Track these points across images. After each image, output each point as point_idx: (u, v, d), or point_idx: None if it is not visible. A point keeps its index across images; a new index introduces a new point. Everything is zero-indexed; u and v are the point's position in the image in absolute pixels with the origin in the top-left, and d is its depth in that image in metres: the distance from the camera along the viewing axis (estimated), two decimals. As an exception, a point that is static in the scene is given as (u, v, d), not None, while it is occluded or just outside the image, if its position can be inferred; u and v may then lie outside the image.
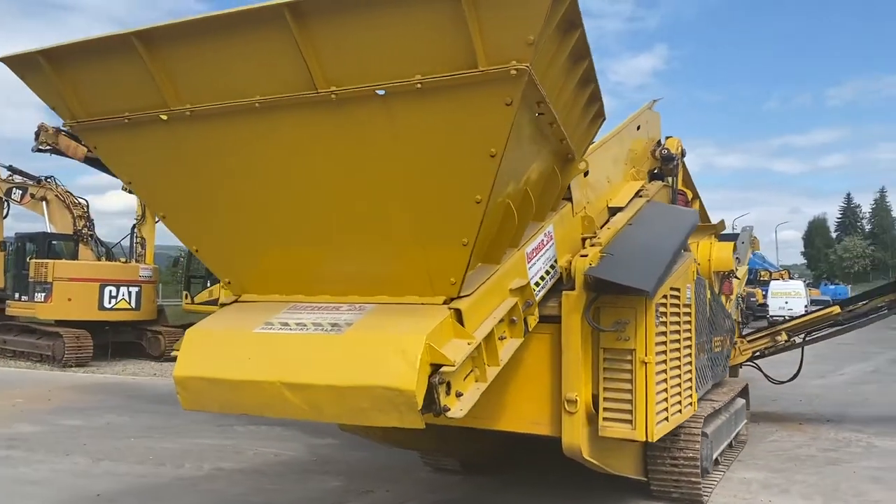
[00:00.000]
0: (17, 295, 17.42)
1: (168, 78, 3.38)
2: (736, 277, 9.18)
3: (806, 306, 36.07)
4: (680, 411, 5.17)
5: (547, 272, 4.42)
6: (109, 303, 16.72)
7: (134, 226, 18.74)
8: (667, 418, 4.84)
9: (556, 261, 4.58)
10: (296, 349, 3.42)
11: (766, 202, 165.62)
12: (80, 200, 18.79)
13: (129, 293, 17.07)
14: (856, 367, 16.67)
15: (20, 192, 18.64)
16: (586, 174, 4.64)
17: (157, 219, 19.08)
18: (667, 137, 7.23)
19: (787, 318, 28.73)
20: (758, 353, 9.72)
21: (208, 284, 19.24)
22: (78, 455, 7.37)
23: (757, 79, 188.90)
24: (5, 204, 18.91)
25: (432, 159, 3.14)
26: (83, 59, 3.51)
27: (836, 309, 9.37)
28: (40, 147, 17.34)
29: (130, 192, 17.64)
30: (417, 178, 3.20)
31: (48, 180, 18.72)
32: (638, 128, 6.45)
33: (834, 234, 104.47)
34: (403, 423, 3.19)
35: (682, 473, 5.68)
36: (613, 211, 5.57)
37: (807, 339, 9.78)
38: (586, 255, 4.53)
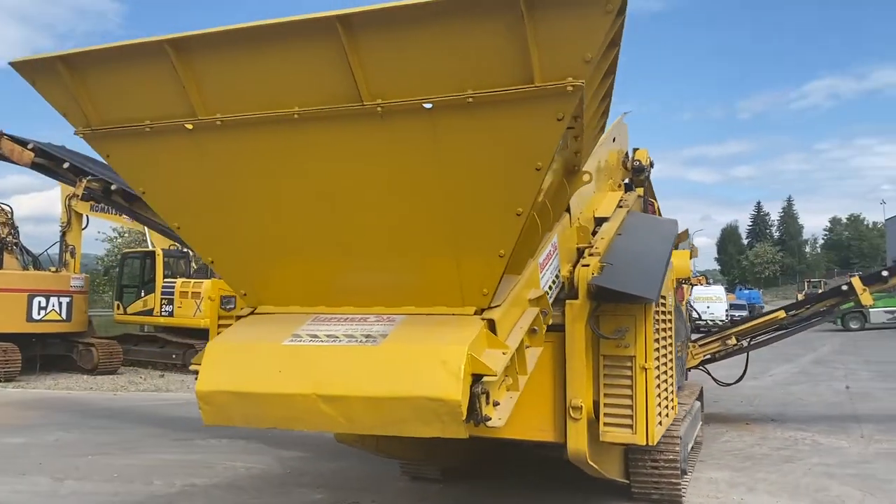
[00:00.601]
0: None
1: (198, 87, 3.30)
2: (690, 284, 9.54)
3: (727, 310, 37.57)
4: (668, 415, 5.35)
5: (553, 282, 4.52)
6: (39, 314, 15.98)
7: (62, 234, 17.97)
8: (660, 422, 5.01)
9: (559, 271, 4.68)
10: (332, 361, 3.39)
11: (682, 209, 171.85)
12: (4, 206, 17.89)
13: (60, 304, 16.36)
14: (782, 368, 17.48)
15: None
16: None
17: (84, 225, 18.38)
18: (635, 149, 7.47)
19: (709, 322, 29.82)
20: (708, 357, 10.10)
21: (142, 294, 18.68)
22: (36, 475, 7.03)
23: (674, 91, 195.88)
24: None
25: (476, 171, 3.17)
26: (105, 66, 3.40)
27: (782, 314, 9.84)
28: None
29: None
30: (459, 190, 3.23)
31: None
32: (613, 139, 6.65)
33: (745, 241, 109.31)
34: (446, 433, 3.21)
35: (662, 475, 5.86)
36: (599, 221, 5.73)
37: (752, 342, 10.24)
38: (587, 265, 4.65)
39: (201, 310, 16.87)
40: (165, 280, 18.00)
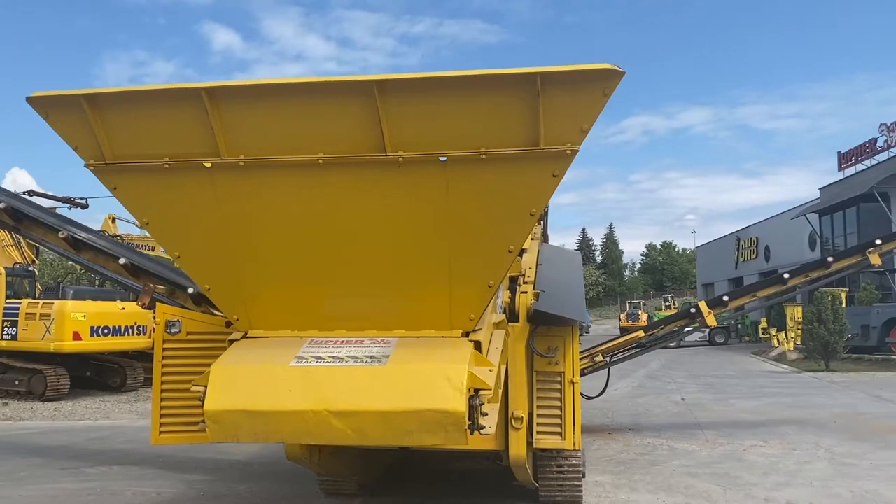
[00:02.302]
0: None
1: (224, 130, 3.61)
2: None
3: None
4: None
5: (501, 308, 5.13)
6: None
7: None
8: (576, 430, 5.73)
9: (502, 297, 5.30)
10: (341, 380, 3.77)
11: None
12: None
13: None
14: (623, 383, 19.13)
15: None
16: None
17: None
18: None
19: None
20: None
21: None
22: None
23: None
24: None
25: (479, 215, 3.72)
26: (130, 106, 3.62)
27: (641, 333, 11.06)
28: None
29: None
30: (461, 230, 3.76)
31: None
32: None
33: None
34: (448, 441, 3.69)
35: (566, 479, 6.59)
36: (520, 251, 6.42)
37: (613, 359, 11.39)
38: (526, 293, 5.31)
39: (51, 333, 15.93)
40: (8, 301, 16.77)
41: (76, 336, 15.97)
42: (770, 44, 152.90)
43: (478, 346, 4.01)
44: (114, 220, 23.14)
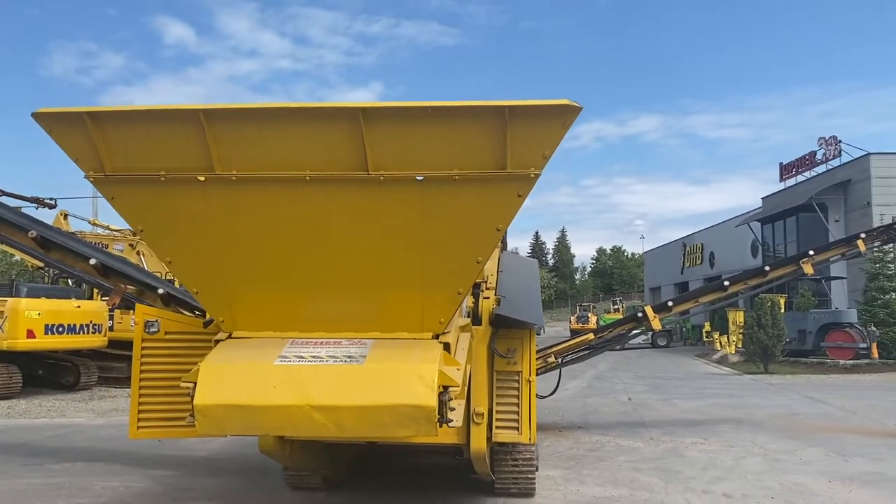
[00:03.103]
0: None
1: (217, 146, 3.94)
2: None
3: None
4: (534, 420, 6.55)
5: (466, 312, 5.54)
6: None
7: None
8: (531, 425, 6.18)
9: (467, 302, 5.71)
10: (322, 378, 4.12)
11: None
12: None
13: None
14: (573, 383, 19.76)
15: None
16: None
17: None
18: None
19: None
20: (531, 374, 11.61)
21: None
22: None
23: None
24: None
25: (451, 229, 4.11)
26: (130, 123, 3.93)
27: (591, 336, 11.61)
28: None
29: None
30: (435, 242, 4.15)
31: None
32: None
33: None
34: (420, 433, 4.07)
35: (521, 472, 7.03)
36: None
37: (565, 360, 11.92)
38: (488, 298, 5.74)
39: (4, 330, 15.80)
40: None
41: (30, 334, 15.87)
42: (719, 54, 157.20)
43: (447, 347, 4.41)
44: (66, 216, 22.88)
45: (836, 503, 7.05)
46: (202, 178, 4.03)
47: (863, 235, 12.67)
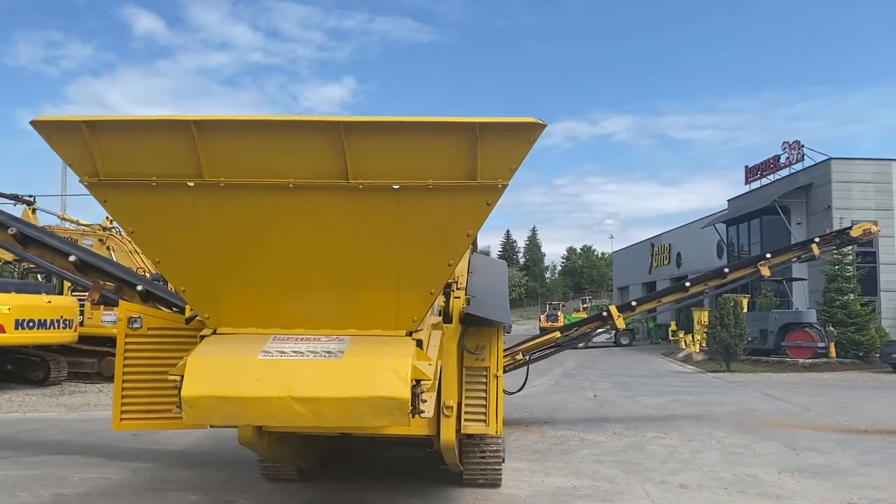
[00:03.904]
0: None
1: (207, 154, 4.21)
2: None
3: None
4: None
5: (438, 311, 5.86)
6: None
7: None
8: (498, 418, 6.53)
9: (438, 301, 6.03)
10: (303, 371, 4.41)
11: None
12: None
13: None
14: (541, 380, 20.20)
15: None
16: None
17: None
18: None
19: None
20: (500, 370, 11.98)
21: None
22: None
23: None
24: None
25: (425, 234, 4.43)
26: (125, 132, 4.18)
27: (557, 334, 12.00)
28: None
29: None
30: (409, 246, 4.46)
31: None
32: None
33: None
34: (394, 423, 4.38)
35: (488, 463, 7.37)
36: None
37: (532, 357, 12.30)
38: (459, 297, 6.06)
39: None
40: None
41: (0, 329, 15.87)
42: (690, 55, 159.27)
43: (419, 343, 4.72)
44: (34, 210, 22.77)
45: (783, 492, 7.50)
46: (191, 184, 4.29)
47: (817, 240, 13.24)
